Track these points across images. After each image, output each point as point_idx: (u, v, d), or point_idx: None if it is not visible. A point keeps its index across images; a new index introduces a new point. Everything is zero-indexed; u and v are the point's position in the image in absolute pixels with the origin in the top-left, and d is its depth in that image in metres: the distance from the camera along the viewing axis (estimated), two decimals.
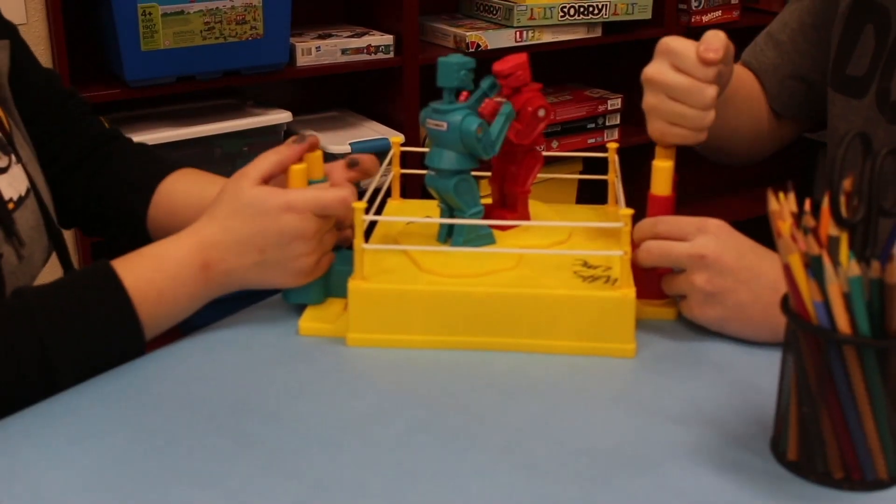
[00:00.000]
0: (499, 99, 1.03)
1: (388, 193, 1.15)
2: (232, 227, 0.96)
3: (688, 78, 0.99)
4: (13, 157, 1.03)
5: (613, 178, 1.12)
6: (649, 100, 1.03)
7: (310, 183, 1.01)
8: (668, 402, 0.87)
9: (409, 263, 1.00)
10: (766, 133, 1.31)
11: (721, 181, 3.06)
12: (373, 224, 1.08)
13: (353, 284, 0.96)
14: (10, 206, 1.00)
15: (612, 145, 1.13)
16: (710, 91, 0.99)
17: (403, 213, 1.12)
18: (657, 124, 1.03)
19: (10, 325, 0.86)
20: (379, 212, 1.04)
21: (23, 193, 1.03)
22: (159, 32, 2.04)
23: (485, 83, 1.03)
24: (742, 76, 1.28)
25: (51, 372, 0.87)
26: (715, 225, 0.96)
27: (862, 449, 0.73)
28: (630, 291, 0.94)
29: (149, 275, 0.93)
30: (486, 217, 1.05)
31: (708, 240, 0.95)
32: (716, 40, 0.99)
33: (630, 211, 0.93)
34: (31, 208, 1.04)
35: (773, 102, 1.29)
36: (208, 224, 0.97)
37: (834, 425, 0.73)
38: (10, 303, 0.89)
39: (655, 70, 1.01)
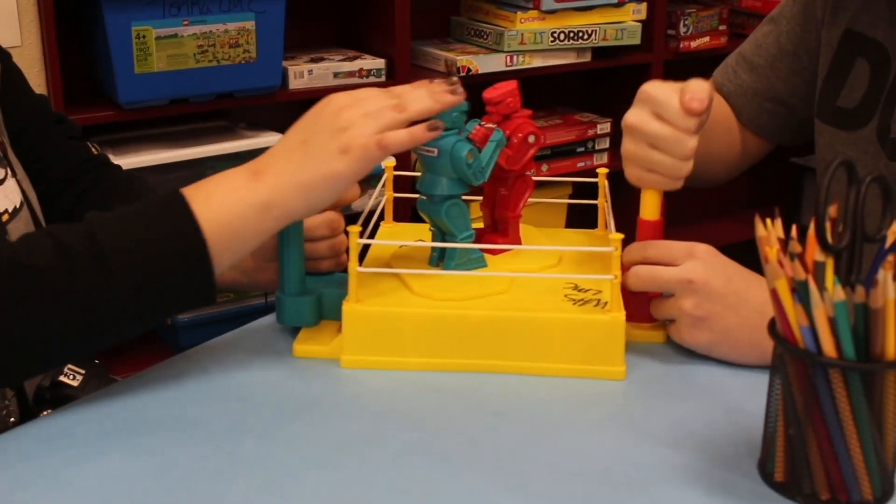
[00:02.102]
0: (489, 125, 1.04)
1: (380, 217, 1.16)
2: (281, 140, 0.93)
3: (669, 127, 0.97)
4: (8, 171, 1.04)
5: (604, 202, 1.13)
6: (628, 146, 1.01)
7: None
8: (657, 425, 0.88)
9: (402, 286, 1.01)
10: (737, 155, 1.31)
11: (708, 205, 3.07)
12: (364, 248, 1.09)
13: (347, 307, 0.97)
14: (5, 217, 1.01)
15: (603, 170, 1.14)
16: (691, 142, 0.97)
17: (396, 237, 1.13)
18: (634, 171, 1.01)
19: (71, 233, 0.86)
20: (371, 235, 1.05)
21: (17, 205, 1.03)
22: (153, 55, 2.05)
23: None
24: (714, 101, 1.28)
25: (105, 263, 0.84)
26: (703, 250, 0.97)
27: (848, 470, 0.74)
28: (620, 314, 0.95)
29: (201, 184, 0.91)
30: (477, 241, 1.06)
31: (696, 265, 0.96)
32: (700, 89, 0.96)
33: (620, 236, 0.95)
34: (25, 220, 1.05)
35: (751, 124, 1.29)
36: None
37: (820, 447, 0.74)
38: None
39: (637, 117, 0.99)
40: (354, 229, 0.96)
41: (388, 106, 0.92)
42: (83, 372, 1.11)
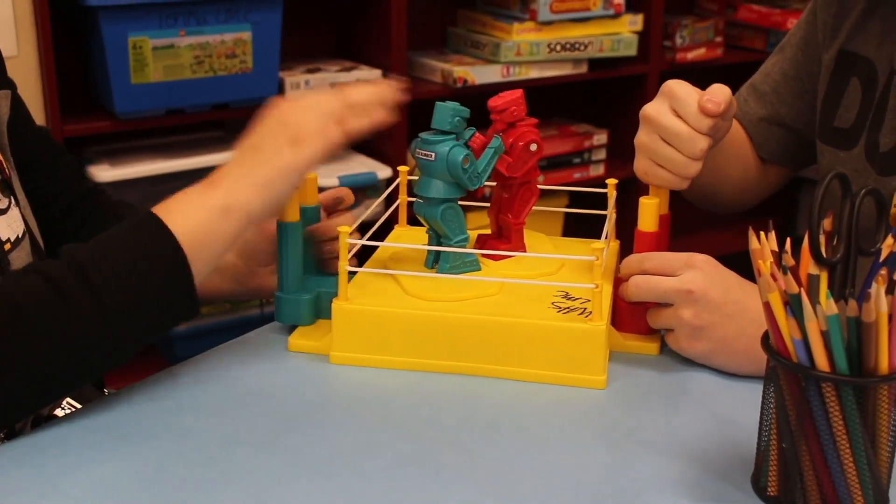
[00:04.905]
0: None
1: (388, 221, 1.17)
2: (233, 152, 0.97)
3: (683, 124, 0.99)
4: (12, 200, 1.05)
5: (613, 213, 1.12)
6: (642, 137, 1.03)
7: (301, 209, 1.04)
8: (650, 436, 0.88)
9: (396, 287, 1.03)
10: (753, 181, 1.32)
11: (706, 216, 3.07)
12: (372, 251, 1.12)
13: (336, 305, 0.99)
14: (7, 246, 1.01)
15: (612, 181, 1.14)
16: (702, 143, 0.99)
17: (407, 240, 1.15)
18: (644, 162, 1.03)
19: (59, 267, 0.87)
20: (381, 238, 1.07)
21: (20, 235, 1.04)
22: (149, 65, 2.05)
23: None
24: (733, 129, 1.29)
25: (103, 308, 0.87)
26: (702, 260, 0.98)
27: (841, 485, 0.74)
28: (601, 324, 0.95)
29: (164, 203, 0.93)
30: (481, 247, 1.08)
31: (695, 275, 0.96)
32: (720, 93, 0.99)
33: (602, 244, 0.95)
34: (26, 250, 1.05)
35: (761, 150, 1.30)
36: None
37: (813, 461, 0.74)
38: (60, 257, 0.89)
39: (654, 109, 1.02)
40: (345, 229, 0.97)
41: (328, 96, 0.96)
42: (79, 407, 1.11)
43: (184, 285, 0.90)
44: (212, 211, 0.92)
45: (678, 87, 1.01)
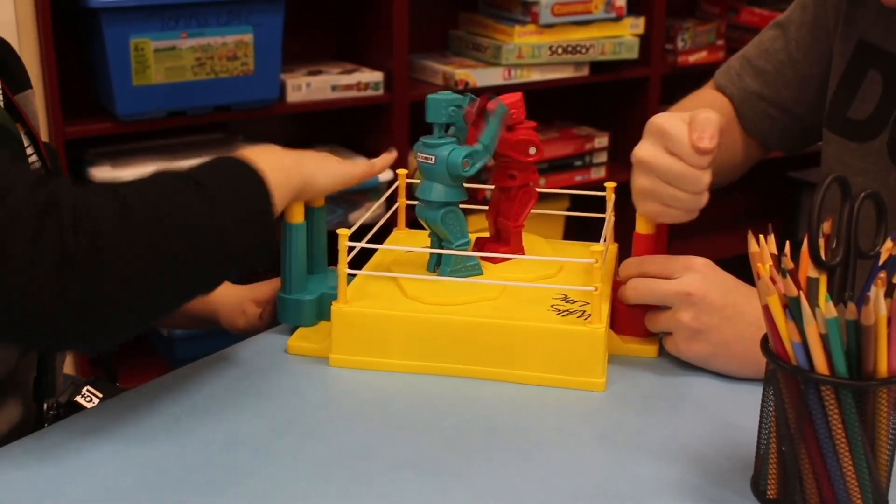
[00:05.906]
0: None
1: (387, 223, 1.18)
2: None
3: (682, 165, 0.95)
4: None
5: (612, 216, 1.12)
6: (641, 182, 0.98)
7: (307, 210, 1.05)
8: (650, 440, 0.88)
9: (397, 290, 1.03)
10: (739, 159, 1.31)
11: (705, 219, 3.08)
12: (372, 253, 1.12)
13: (336, 307, 0.99)
14: None
15: (610, 184, 1.14)
16: (705, 177, 0.96)
17: (406, 243, 1.15)
18: (651, 206, 0.99)
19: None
20: (381, 241, 1.07)
21: None
22: (151, 67, 2.05)
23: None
24: (717, 103, 1.27)
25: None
26: (701, 263, 0.98)
27: (840, 488, 0.74)
28: (600, 326, 0.95)
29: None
30: (479, 249, 1.08)
31: (694, 277, 0.96)
32: (709, 126, 0.94)
33: (601, 248, 0.95)
34: None
35: (751, 126, 1.28)
36: None
37: (812, 464, 0.74)
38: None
39: (648, 153, 0.97)
40: (344, 232, 0.97)
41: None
42: (101, 396, 1.11)
43: (269, 207, 0.92)
44: (286, 165, 0.98)
45: (667, 125, 0.96)
